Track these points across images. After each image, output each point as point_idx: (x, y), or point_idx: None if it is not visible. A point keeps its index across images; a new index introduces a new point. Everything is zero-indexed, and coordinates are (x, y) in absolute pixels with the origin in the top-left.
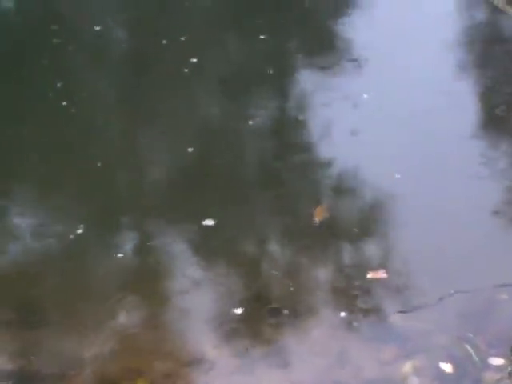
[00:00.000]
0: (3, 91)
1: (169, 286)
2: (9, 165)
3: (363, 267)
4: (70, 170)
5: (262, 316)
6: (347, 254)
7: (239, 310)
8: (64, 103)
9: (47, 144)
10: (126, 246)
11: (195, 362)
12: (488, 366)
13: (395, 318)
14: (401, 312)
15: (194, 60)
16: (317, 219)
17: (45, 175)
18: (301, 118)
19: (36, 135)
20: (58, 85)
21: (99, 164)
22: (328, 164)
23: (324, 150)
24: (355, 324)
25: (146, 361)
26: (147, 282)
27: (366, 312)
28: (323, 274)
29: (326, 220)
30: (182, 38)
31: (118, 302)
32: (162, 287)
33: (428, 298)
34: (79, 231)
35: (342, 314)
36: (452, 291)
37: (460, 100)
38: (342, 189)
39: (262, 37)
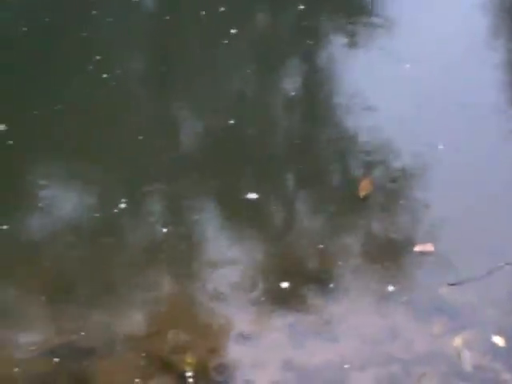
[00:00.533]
0: (43, 64)
1: (211, 260)
2: (49, 137)
3: (410, 240)
4: (111, 142)
5: (308, 290)
6: (393, 228)
7: (285, 284)
8: (104, 75)
9: (88, 116)
10: (169, 220)
11: (241, 337)
12: None
13: (445, 291)
14: (450, 285)
15: (234, 31)
16: (362, 193)
17: (85, 147)
18: (337, 90)
19: (76, 108)
20: (97, 57)
21: (140, 137)
22: (368, 135)
23: (361, 122)
24: (404, 297)
25: (192, 337)
26: (190, 257)
27: (415, 285)
28: (369, 247)
29: (371, 194)
30: (221, 9)
31: (162, 278)
32: (205, 262)
33: (478, 271)
34: (122, 205)
35: (391, 287)
36: (502, 263)
37: None
38: (384, 161)
39: (301, 7)
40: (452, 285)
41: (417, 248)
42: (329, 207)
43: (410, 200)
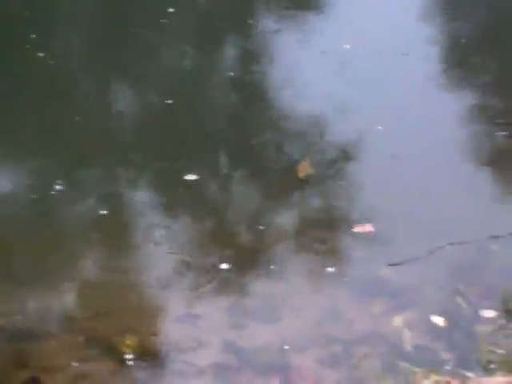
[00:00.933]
0: None
1: (149, 242)
2: None
3: (349, 221)
4: (48, 121)
5: (248, 271)
6: (332, 209)
7: (224, 266)
8: (40, 54)
9: (25, 95)
10: (107, 202)
11: (180, 318)
12: (479, 319)
13: (386, 272)
14: (391, 265)
15: (171, 10)
16: (300, 175)
17: (22, 127)
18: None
19: (11, 86)
20: (33, 36)
21: (77, 117)
22: (305, 116)
23: (298, 102)
24: (344, 278)
25: (134, 318)
26: (127, 239)
27: (355, 266)
28: (308, 229)
29: (310, 175)
30: None
31: (99, 261)
32: (144, 244)
33: (418, 251)
34: (57, 187)
35: (330, 269)
36: (443, 244)
37: None
38: (322, 142)
39: None
40: (393, 265)
41: (356, 229)
42: (268, 189)
43: (348, 181)
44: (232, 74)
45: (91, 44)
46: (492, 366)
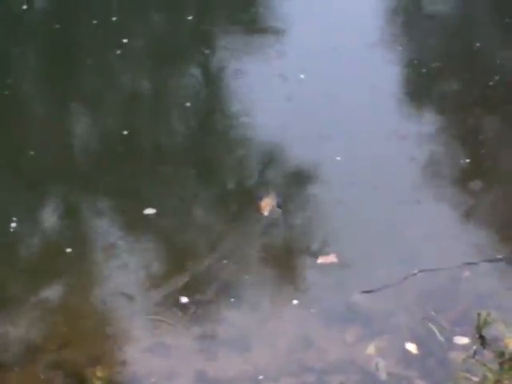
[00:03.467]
0: None
1: (112, 273)
2: None
3: (313, 253)
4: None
5: (213, 303)
6: (295, 241)
7: (184, 300)
8: None
9: None
10: (70, 236)
11: (151, 349)
12: (453, 346)
13: (356, 300)
14: (364, 292)
15: (125, 41)
16: (265, 212)
17: None
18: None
19: None
20: None
21: (32, 152)
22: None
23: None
24: (314, 309)
25: (101, 349)
26: (89, 270)
27: (324, 296)
28: (272, 261)
29: (273, 209)
30: (113, 19)
31: (65, 289)
32: (106, 275)
33: (388, 279)
34: (13, 224)
35: (298, 300)
36: (415, 270)
37: None
38: (283, 172)
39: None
40: (366, 292)
41: (320, 260)
42: (229, 221)
43: (311, 211)
44: (188, 104)
45: (43, 74)
46: None
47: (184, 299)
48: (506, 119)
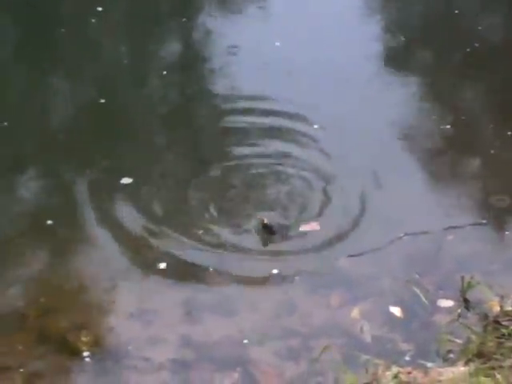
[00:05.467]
0: None
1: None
2: None
3: (296, 221)
4: None
5: (198, 268)
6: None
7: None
8: None
9: None
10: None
11: (135, 314)
12: (437, 309)
13: (341, 264)
14: (349, 257)
15: (100, 9)
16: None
17: None
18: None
19: None
20: None
21: (5, 123)
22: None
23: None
24: (299, 274)
25: (86, 315)
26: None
27: (309, 263)
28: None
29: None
30: None
31: (49, 258)
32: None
33: (376, 243)
34: None
35: (282, 265)
36: (401, 234)
37: None
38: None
39: None
40: (352, 256)
41: (303, 227)
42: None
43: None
44: (165, 72)
45: (19, 44)
46: (451, 355)
47: (162, 265)
48: (483, 85)
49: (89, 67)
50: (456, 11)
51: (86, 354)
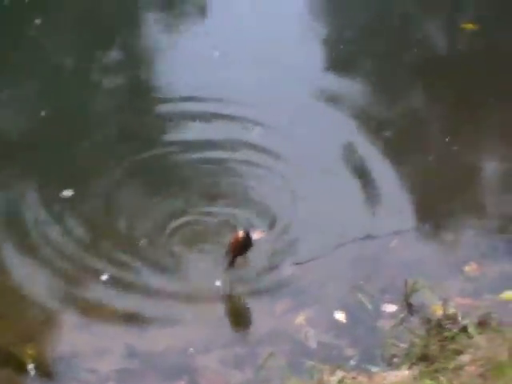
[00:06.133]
0: None
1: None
2: None
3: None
4: None
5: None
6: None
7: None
8: None
9: None
10: None
11: (80, 326)
12: (381, 314)
13: (287, 272)
14: (294, 264)
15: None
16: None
17: None
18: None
19: None
20: None
21: None
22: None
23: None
24: (243, 283)
25: (30, 326)
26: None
27: (254, 269)
28: (196, 235)
29: None
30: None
31: None
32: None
33: (320, 250)
34: None
35: (226, 274)
36: (345, 240)
37: None
38: None
39: None
40: (297, 264)
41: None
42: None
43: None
44: (105, 83)
45: None
46: (395, 359)
47: (104, 276)
48: (423, 92)
49: (28, 80)
50: (396, 18)
51: (31, 366)
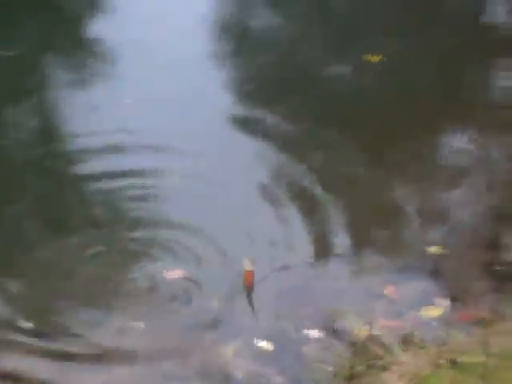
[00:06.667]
0: None
1: None
2: None
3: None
4: None
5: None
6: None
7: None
8: None
9: None
10: None
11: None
12: (307, 340)
13: (213, 305)
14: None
15: None
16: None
17: None
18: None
19: None
20: None
21: None
22: None
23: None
24: (171, 320)
25: None
26: None
27: (178, 305)
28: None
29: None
30: None
31: None
32: None
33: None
34: None
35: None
36: (268, 271)
37: None
38: None
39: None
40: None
41: (167, 274)
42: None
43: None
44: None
45: None
46: (323, 383)
47: (27, 324)
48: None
49: None
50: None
51: None
